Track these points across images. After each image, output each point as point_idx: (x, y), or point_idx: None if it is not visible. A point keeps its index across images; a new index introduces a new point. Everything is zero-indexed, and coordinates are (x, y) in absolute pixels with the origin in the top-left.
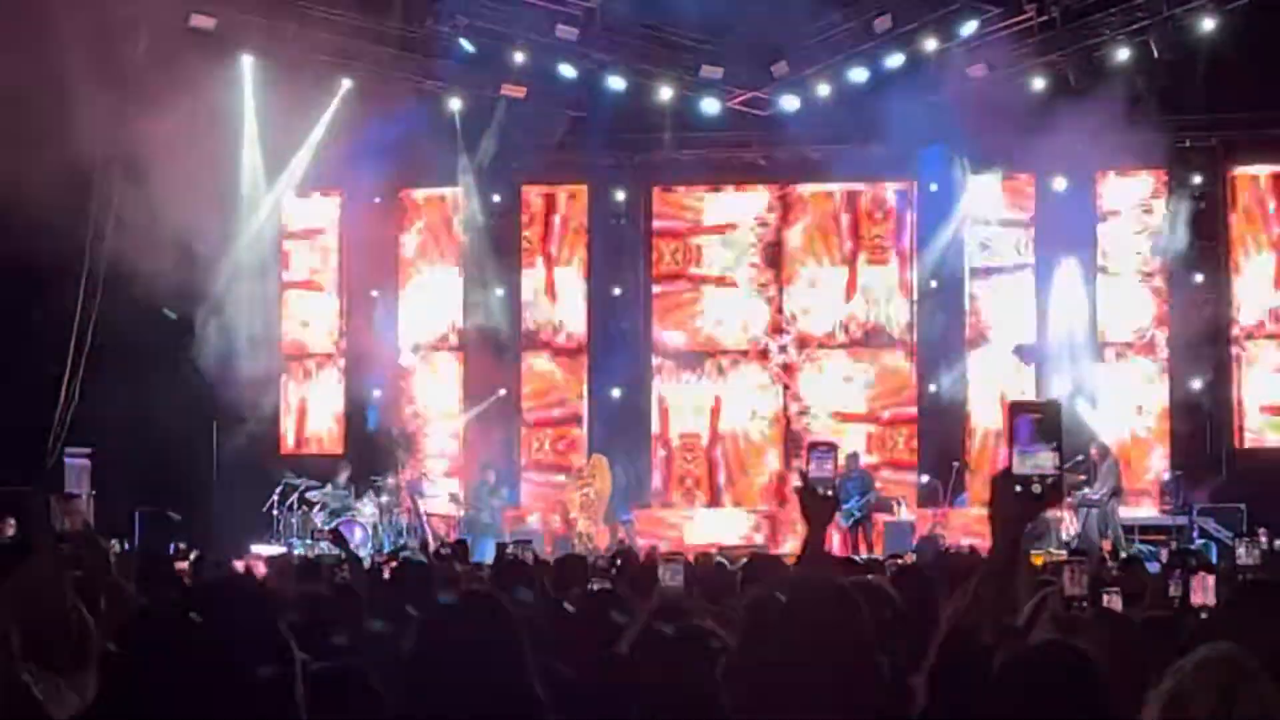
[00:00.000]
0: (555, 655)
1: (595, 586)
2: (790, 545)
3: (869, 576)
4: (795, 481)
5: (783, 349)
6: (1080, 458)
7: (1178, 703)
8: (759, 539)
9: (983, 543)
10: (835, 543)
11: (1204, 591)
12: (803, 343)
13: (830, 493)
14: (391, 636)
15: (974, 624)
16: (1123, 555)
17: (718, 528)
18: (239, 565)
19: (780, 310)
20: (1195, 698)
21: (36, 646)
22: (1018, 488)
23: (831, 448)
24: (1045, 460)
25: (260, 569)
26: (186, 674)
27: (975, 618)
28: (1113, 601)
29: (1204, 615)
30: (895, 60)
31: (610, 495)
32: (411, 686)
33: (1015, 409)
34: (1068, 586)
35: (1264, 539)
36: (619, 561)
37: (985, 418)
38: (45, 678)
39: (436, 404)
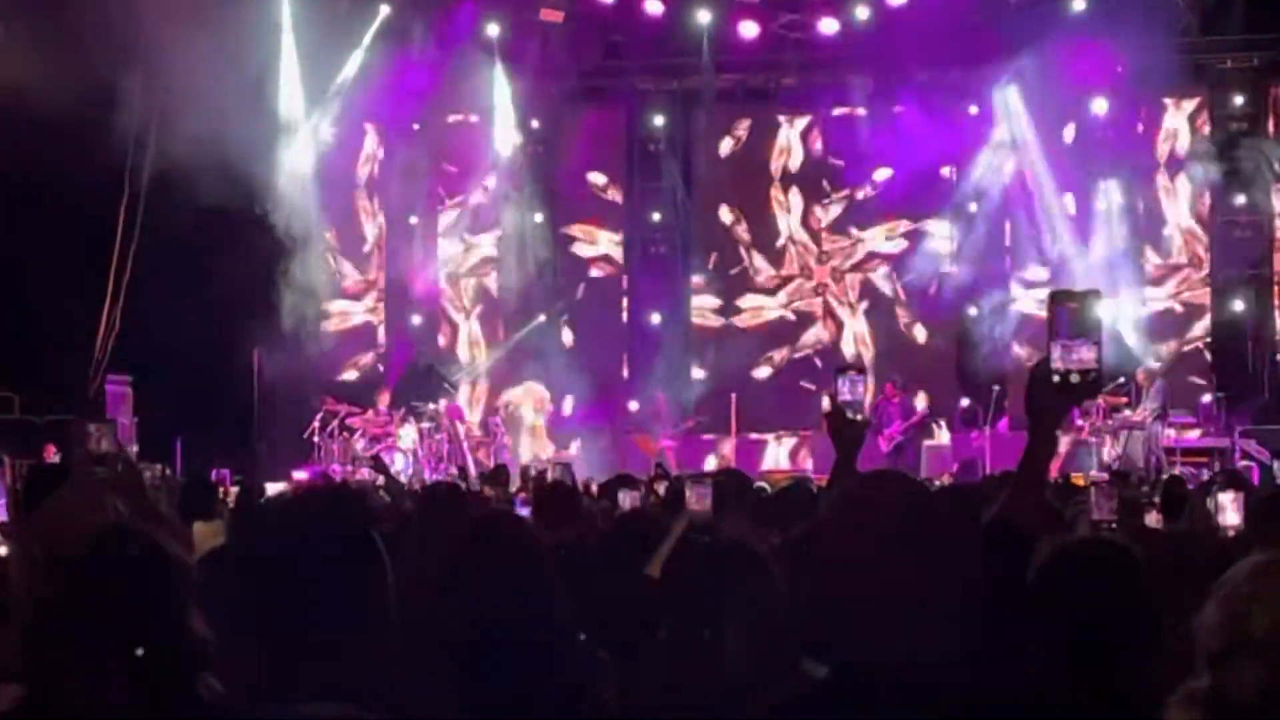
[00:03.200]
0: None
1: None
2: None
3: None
4: (825, 405)
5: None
6: (1122, 380)
7: (1236, 620)
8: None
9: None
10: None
11: (1236, 510)
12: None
13: (860, 416)
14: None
15: (1015, 514)
16: (1165, 476)
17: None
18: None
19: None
20: (1254, 611)
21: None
22: (1056, 379)
23: (862, 371)
24: (1086, 355)
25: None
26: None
27: (1016, 507)
28: (1152, 519)
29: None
30: None
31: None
32: (438, 614)
33: (1055, 299)
34: (1095, 509)
35: None
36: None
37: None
38: None
39: (478, 329)
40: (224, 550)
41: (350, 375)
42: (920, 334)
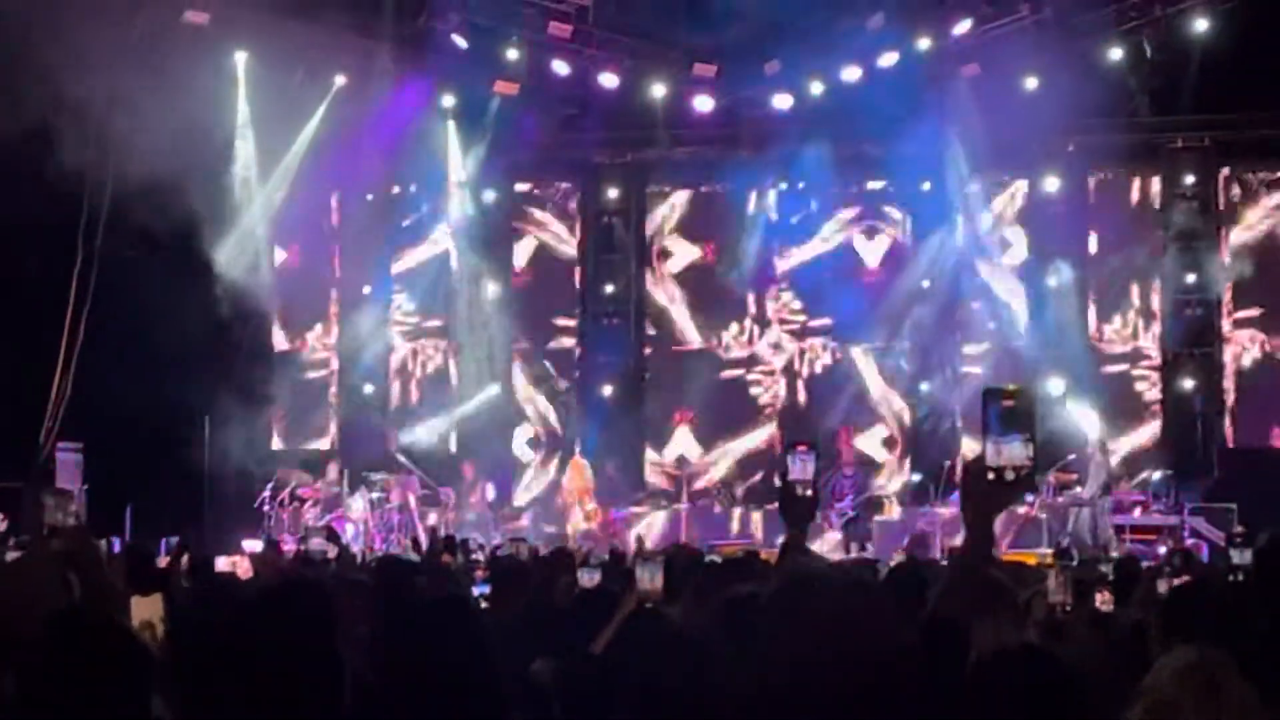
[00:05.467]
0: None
1: (586, 581)
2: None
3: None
4: (776, 482)
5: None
6: (1071, 457)
7: (1160, 710)
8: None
9: None
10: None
11: None
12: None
13: (810, 493)
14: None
15: (952, 611)
16: (1114, 555)
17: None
18: (226, 562)
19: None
20: (1181, 705)
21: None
22: (990, 476)
23: (811, 448)
24: (1018, 452)
25: (245, 565)
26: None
27: (952, 605)
28: (1104, 602)
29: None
30: (889, 59)
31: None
32: (384, 684)
33: (988, 396)
34: (1052, 592)
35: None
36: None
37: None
38: None
39: (429, 400)
40: (182, 634)
41: (302, 445)
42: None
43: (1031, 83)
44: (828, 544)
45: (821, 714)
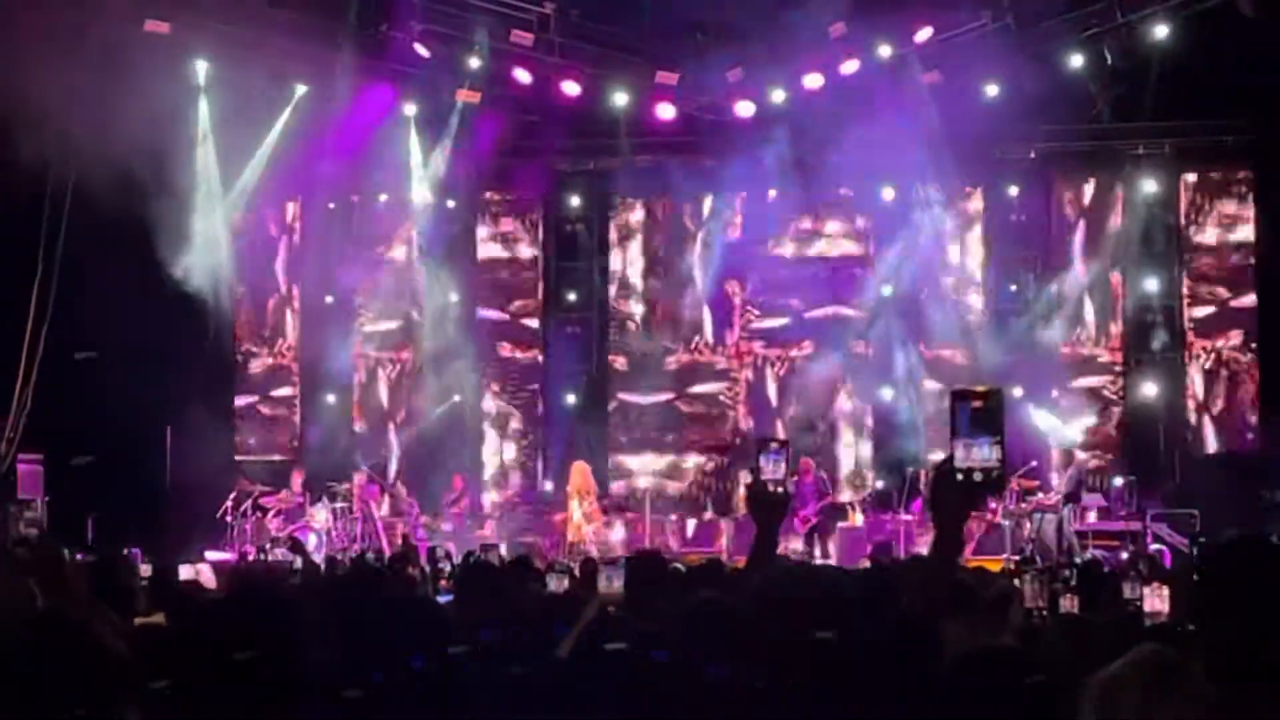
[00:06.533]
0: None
1: (554, 586)
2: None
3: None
4: (746, 479)
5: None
6: (1034, 464)
7: (1109, 695)
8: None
9: None
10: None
11: (1160, 599)
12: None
13: (781, 490)
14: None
15: (922, 612)
16: (1078, 560)
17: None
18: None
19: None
20: (1125, 690)
21: None
22: (959, 477)
23: (784, 445)
24: (987, 454)
25: (207, 575)
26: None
27: (922, 606)
28: (1071, 605)
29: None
30: (850, 67)
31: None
32: (351, 689)
33: (957, 397)
34: (1029, 597)
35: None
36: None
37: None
38: None
39: (392, 408)
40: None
41: (264, 455)
42: (836, 415)
43: (993, 90)
44: (791, 552)
45: (795, 709)
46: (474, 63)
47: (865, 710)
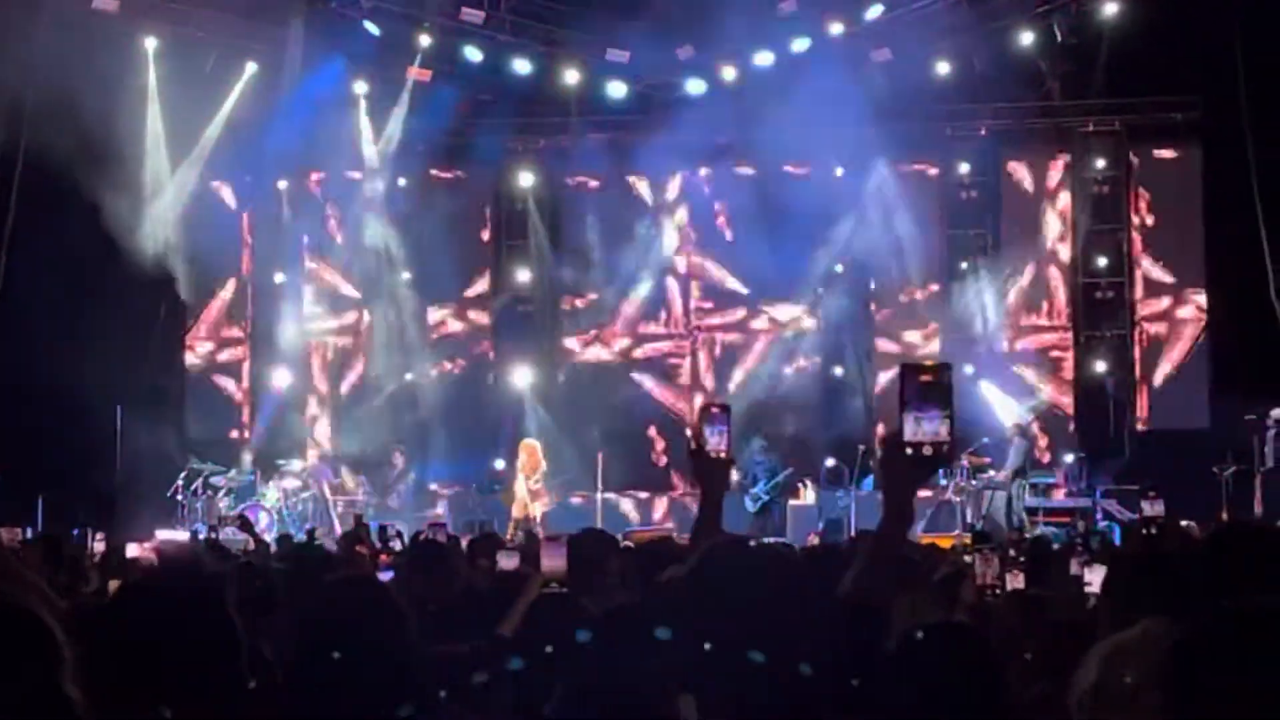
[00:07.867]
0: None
1: (505, 564)
2: None
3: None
4: (689, 444)
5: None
6: (985, 440)
7: (1114, 663)
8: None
9: None
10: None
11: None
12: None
13: (724, 455)
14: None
15: (869, 589)
16: (1028, 536)
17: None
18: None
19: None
20: (1131, 658)
21: None
22: (909, 450)
23: (725, 410)
24: (937, 428)
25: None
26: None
27: (869, 582)
28: (1016, 581)
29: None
30: (801, 44)
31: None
32: (298, 669)
33: (906, 371)
34: (980, 574)
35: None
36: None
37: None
38: None
39: (342, 387)
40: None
41: (215, 433)
42: (786, 391)
43: (943, 67)
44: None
45: (740, 686)
46: (424, 40)
47: (813, 687)
